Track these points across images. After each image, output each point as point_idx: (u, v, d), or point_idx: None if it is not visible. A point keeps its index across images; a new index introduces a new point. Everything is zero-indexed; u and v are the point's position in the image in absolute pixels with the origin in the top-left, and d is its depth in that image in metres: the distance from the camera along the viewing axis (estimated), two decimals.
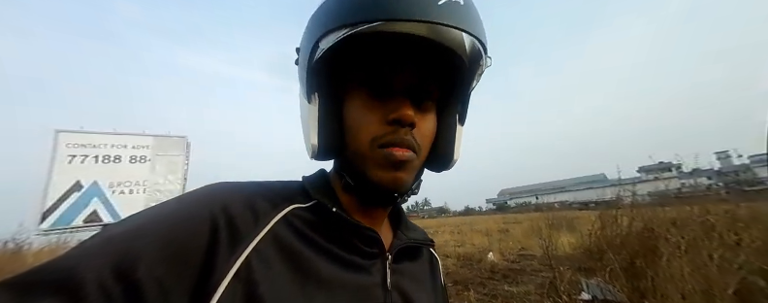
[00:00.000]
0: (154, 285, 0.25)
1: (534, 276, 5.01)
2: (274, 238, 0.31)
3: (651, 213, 3.30)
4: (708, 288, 2.08)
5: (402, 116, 0.33)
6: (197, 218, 0.29)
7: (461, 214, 72.88)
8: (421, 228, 0.49)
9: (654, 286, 2.49)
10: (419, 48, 0.35)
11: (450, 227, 15.14)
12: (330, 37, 0.31)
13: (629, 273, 2.96)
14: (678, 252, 2.44)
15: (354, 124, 0.35)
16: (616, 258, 3.08)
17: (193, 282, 0.27)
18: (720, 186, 5.58)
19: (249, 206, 0.32)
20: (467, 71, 0.39)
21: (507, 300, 3.89)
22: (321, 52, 0.32)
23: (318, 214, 0.35)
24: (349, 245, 0.35)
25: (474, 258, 6.82)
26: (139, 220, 0.29)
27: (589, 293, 3.27)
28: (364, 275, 0.35)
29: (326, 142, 0.35)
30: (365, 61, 0.36)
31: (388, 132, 0.34)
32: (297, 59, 0.39)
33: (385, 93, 0.35)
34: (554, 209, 8.85)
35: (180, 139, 16.05)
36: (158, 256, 0.26)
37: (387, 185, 0.35)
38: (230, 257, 0.28)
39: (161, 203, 0.32)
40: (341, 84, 0.37)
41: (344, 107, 0.37)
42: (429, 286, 0.43)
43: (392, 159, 0.34)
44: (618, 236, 3.49)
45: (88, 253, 0.26)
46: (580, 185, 61.32)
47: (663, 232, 2.73)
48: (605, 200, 4.21)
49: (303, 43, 0.36)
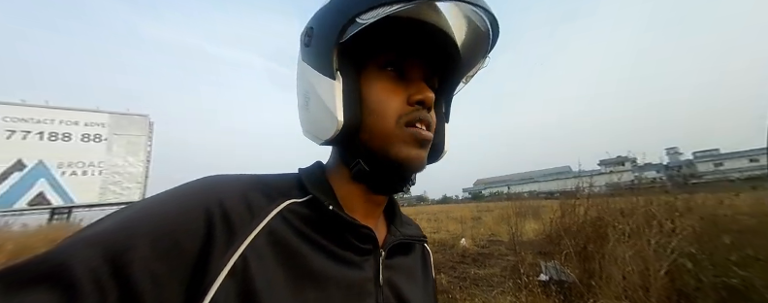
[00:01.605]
0: (148, 278, 0.25)
1: (501, 260, 5.37)
2: (270, 233, 0.31)
3: (604, 203, 3.61)
4: (644, 270, 2.35)
5: (427, 97, 0.36)
6: (192, 212, 0.29)
7: (438, 202, 75.69)
8: (415, 223, 0.49)
9: (601, 267, 2.76)
10: (433, 39, 0.37)
11: (427, 215, 15.65)
12: (376, 11, 0.31)
13: (582, 256, 3.26)
14: (622, 238, 2.71)
15: (377, 104, 0.36)
16: (571, 243, 3.37)
17: (188, 276, 0.26)
18: (664, 180, 6.19)
19: (245, 200, 0.32)
20: (464, 68, 0.42)
21: (474, 282, 4.15)
22: (358, 28, 0.32)
23: (314, 209, 0.35)
24: (344, 241, 0.35)
25: (448, 244, 7.17)
26: (132, 213, 0.29)
27: (546, 274, 3.56)
28: (356, 271, 0.35)
29: (348, 120, 0.35)
30: (387, 44, 0.37)
31: (412, 110, 0.36)
32: (306, 40, 0.38)
33: (404, 77, 0.37)
34: (523, 198, 9.40)
35: (141, 117, 14.76)
36: (152, 250, 0.26)
37: (413, 162, 0.36)
38: (226, 253, 0.28)
39: (154, 195, 0.31)
40: (358, 65, 0.37)
41: (362, 88, 0.36)
42: (420, 281, 0.44)
43: (419, 137, 0.36)
44: (575, 224, 3.80)
45: (81, 246, 0.25)
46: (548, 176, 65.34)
47: (612, 220, 3.01)
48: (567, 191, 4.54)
49: (324, 19, 0.36)
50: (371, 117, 0.36)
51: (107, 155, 13.18)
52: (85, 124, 13.17)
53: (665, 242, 2.41)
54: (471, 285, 3.99)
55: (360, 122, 0.36)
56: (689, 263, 2.32)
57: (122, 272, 0.24)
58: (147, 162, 14.21)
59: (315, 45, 0.37)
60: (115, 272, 0.24)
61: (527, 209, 7.27)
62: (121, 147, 13.59)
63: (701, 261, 2.32)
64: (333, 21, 0.34)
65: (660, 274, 2.24)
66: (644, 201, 3.23)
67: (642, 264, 2.37)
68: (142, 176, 13.94)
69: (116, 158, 13.39)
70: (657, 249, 2.39)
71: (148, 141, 14.52)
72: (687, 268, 2.31)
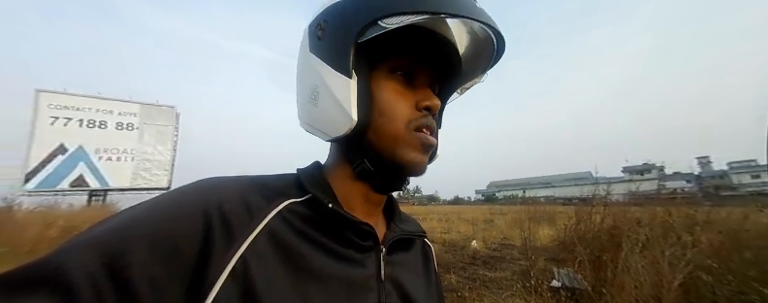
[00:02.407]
0: (147, 282, 0.25)
1: (512, 263, 5.32)
2: (270, 234, 0.31)
3: (621, 212, 3.53)
4: (658, 281, 2.32)
5: (434, 104, 0.37)
6: (190, 215, 0.29)
7: (450, 203, 74.39)
8: (414, 219, 0.50)
9: (613, 276, 2.74)
10: (441, 49, 0.39)
11: (438, 215, 15.56)
12: (400, 18, 0.31)
13: (595, 265, 3.21)
14: (637, 248, 2.66)
15: (388, 106, 0.36)
16: (585, 251, 3.32)
17: (187, 280, 0.26)
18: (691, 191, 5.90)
19: (243, 201, 0.32)
20: (462, 78, 0.43)
21: (484, 283, 4.16)
22: (379, 31, 0.32)
23: (313, 208, 0.35)
24: (344, 239, 0.35)
25: (458, 245, 7.16)
26: (130, 217, 0.29)
27: (559, 281, 3.55)
28: (358, 267, 0.35)
29: (360, 119, 0.34)
30: (401, 49, 0.37)
31: (421, 116, 0.37)
32: (319, 33, 0.37)
33: (412, 83, 0.38)
34: (538, 203, 9.18)
35: (169, 108, 15.54)
36: (151, 254, 0.26)
37: (417, 166, 0.37)
38: (225, 255, 0.28)
39: (152, 198, 0.31)
40: (370, 65, 0.37)
41: (373, 88, 0.36)
42: (422, 275, 0.45)
43: (426, 142, 0.37)
44: (590, 231, 3.73)
45: (79, 250, 0.25)
46: (566, 181, 63.02)
47: (627, 229, 2.96)
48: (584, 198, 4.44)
49: (343, 16, 0.35)
50: (381, 118, 0.36)
51: (138, 143, 14.08)
52: (119, 113, 14.07)
53: (681, 254, 2.37)
54: (481, 286, 4.01)
55: (368, 123, 0.35)
56: (705, 276, 2.28)
57: (120, 276, 0.24)
58: (174, 151, 15.01)
59: (330, 39, 0.36)
60: (113, 276, 0.24)
61: (542, 214, 7.13)
62: (151, 136, 14.45)
63: (718, 275, 2.27)
64: (353, 19, 0.34)
65: (674, 285, 2.22)
66: (663, 212, 3.15)
67: (655, 275, 2.35)
68: (169, 163, 14.78)
69: (147, 146, 14.26)
70: (672, 260, 2.35)
71: (175, 131, 15.32)
72: (703, 281, 2.27)
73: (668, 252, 2.35)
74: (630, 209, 3.58)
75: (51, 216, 5.80)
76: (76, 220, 5.76)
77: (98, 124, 13.74)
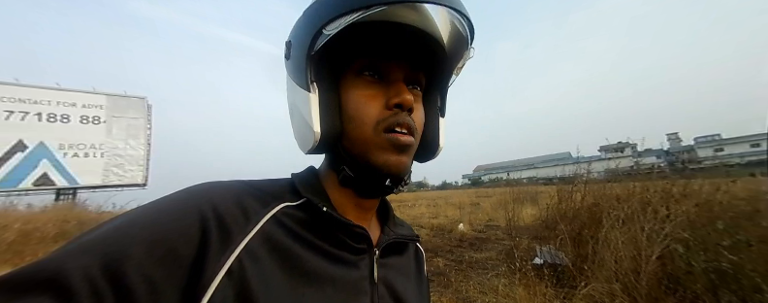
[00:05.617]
0: (145, 285, 0.25)
1: (497, 244, 5.50)
2: (265, 236, 0.32)
3: (601, 189, 3.63)
4: (637, 254, 2.40)
5: (404, 100, 0.35)
6: (187, 218, 0.29)
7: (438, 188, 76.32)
8: (407, 224, 0.51)
9: (594, 252, 2.82)
10: (412, 37, 0.37)
11: (427, 201, 15.79)
12: (338, 21, 0.32)
13: (576, 241, 3.34)
14: (616, 223, 2.75)
15: (355, 111, 0.36)
16: (566, 229, 3.44)
17: (184, 282, 0.27)
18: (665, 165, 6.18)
19: (239, 205, 0.33)
20: (451, 60, 0.41)
21: (470, 265, 4.27)
22: (325, 39, 0.33)
23: (308, 211, 0.36)
24: (338, 241, 0.36)
25: (446, 229, 7.31)
26: (127, 220, 0.29)
27: (541, 258, 3.66)
28: (352, 269, 0.36)
29: (327, 130, 0.35)
30: (362, 49, 0.37)
31: (390, 115, 0.36)
32: (287, 53, 0.39)
33: (383, 80, 0.37)
34: (522, 184, 9.47)
35: (139, 100, 14.55)
36: (148, 257, 0.26)
37: (391, 169, 0.36)
38: (221, 257, 0.29)
39: (148, 202, 0.32)
40: (336, 74, 0.37)
41: (342, 95, 0.37)
42: (414, 279, 0.46)
43: (396, 143, 0.35)
44: (571, 209, 3.85)
45: (77, 253, 0.25)
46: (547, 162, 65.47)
47: (607, 206, 3.04)
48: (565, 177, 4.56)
49: (298, 33, 0.36)
50: (350, 124, 0.36)
51: (107, 138, 13.15)
52: (83, 106, 13.03)
53: (659, 228, 2.45)
54: (467, 267, 4.10)
55: (341, 130, 0.36)
56: (681, 248, 2.37)
57: (118, 278, 0.24)
58: (148, 145, 14.22)
59: (293, 57, 0.37)
60: (111, 278, 0.24)
61: (525, 195, 7.34)
62: (121, 129, 13.52)
63: (693, 246, 2.36)
64: (304, 34, 0.35)
65: (652, 259, 2.29)
66: (640, 187, 3.24)
67: (634, 249, 2.42)
68: (143, 158, 13.99)
69: (117, 141, 13.37)
70: (650, 234, 2.43)
71: (148, 124, 14.43)
72: (679, 253, 2.36)
73: (647, 227, 2.42)
74: (609, 186, 3.67)
75: (7, 218, 5.37)
76: (35, 221, 5.38)
77: (60, 118, 12.69)
